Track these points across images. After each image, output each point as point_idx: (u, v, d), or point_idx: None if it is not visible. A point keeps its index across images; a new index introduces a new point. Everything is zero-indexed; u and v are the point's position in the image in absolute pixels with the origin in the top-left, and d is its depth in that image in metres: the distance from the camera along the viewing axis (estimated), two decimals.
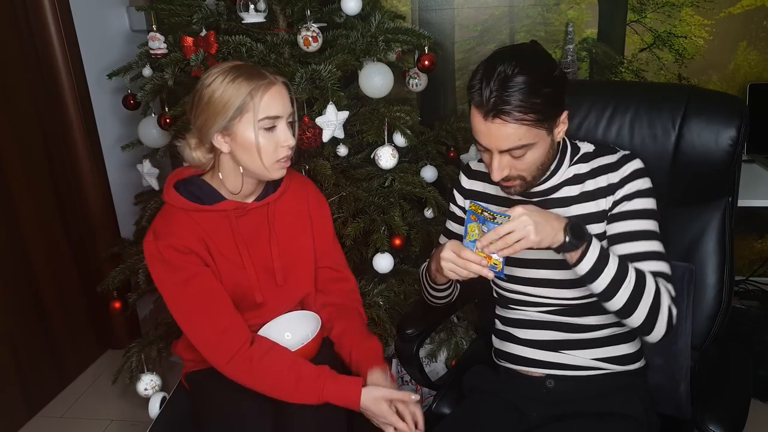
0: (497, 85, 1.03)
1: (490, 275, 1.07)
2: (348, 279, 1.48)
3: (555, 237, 1.03)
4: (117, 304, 2.01)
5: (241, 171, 1.26)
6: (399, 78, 1.94)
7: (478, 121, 1.08)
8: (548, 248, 1.04)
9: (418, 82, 2.03)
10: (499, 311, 1.36)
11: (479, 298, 1.55)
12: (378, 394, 1.21)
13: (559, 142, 1.19)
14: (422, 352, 2.00)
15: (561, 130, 1.14)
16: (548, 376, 1.26)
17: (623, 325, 1.24)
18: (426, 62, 1.83)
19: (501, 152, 1.09)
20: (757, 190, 1.98)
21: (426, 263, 1.35)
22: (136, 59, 1.96)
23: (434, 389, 1.51)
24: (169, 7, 1.86)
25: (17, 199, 2.11)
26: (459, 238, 1.36)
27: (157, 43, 1.87)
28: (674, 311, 1.11)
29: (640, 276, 1.08)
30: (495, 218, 1.06)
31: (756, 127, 1.28)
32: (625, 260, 1.09)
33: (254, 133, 1.20)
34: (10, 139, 2.08)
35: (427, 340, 2.02)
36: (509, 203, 1.26)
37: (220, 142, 1.23)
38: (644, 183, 1.17)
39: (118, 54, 2.39)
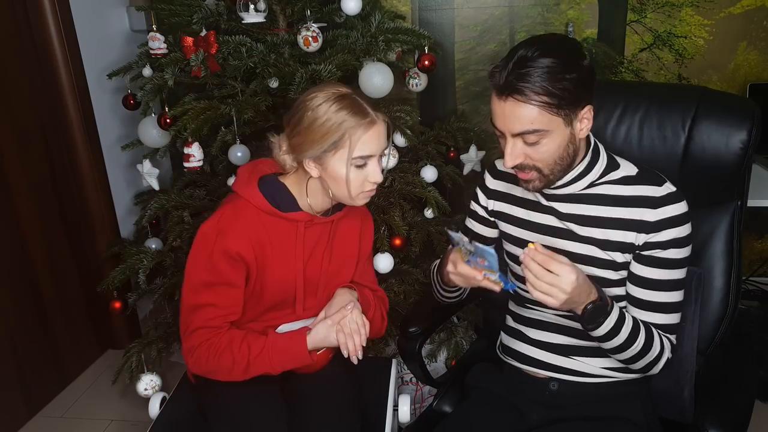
0: (516, 66, 1.02)
1: (497, 288, 1.06)
2: (377, 290, 1.49)
3: (572, 306, 1.05)
4: (117, 304, 2.01)
5: (330, 195, 1.26)
6: (399, 78, 1.94)
7: (494, 101, 1.07)
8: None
9: (418, 82, 2.02)
10: (513, 308, 1.35)
11: (482, 296, 1.54)
12: (321, 333, 1.26)
13: (583, 141, 1.13)
14: (422, 352, 1.99)
15: (584, 126, 1.09)
16: (552, 378, 1.25)
17: None
18: (426, 62, 1.83)
19: (514, 136, 1.07)
20: (758, 190, 1.97)
21: (437, 261, 1.35)
22: (136, 59, 1.96)
23: (436, 387, 1.51)
24: (169, 7, 1.85)
25: (17, 199, 2.11)
26: (477, 236, 1.37)
27: (157, 43, 1.87)
28: (669, 359, 1.17)
29: (649, 335, 1.12)
30: (474, 254, 1.05)
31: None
32: (637, 324, 1.11)
33: (346, 169, 1.19)
34: (10, 139, 2.08)
35: (427, 341, 2.02)
36: (536, 207, 1.24)
37: (310, 166, 1.22)
38: (683, 231, 1.12)
39: (118, 54, 2.39)
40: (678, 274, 1.14)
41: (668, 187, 1.14)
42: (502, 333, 1.36)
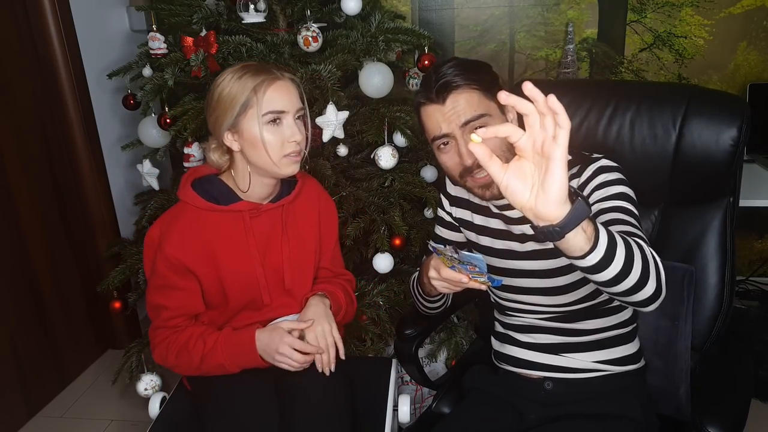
0: (435, 76, 1.11)
1: (483, 287, 1.06)
2: (344, 273, 1.50)
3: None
4: (117, 304, 2.01)
5: (249, 170, 1.27)
6: (399, 78, 1.94)
7: (432, 112, 1.11)
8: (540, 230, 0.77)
9: (418, 82, 2.03)
10: (498, 316, 1.36)
11: (479, 298, 1.55)
12: (265, 340, 1.26)
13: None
14: (422, 352, 2.00)
15: (513, 118, 1.13)
16: (546, 378, 1.25)
17: (623, 327, 1.24)
18: (426, 62, 1.83)
19: (462, 127, 1.09)
20: (758, 190, 1.98)
21: (416, 274, 1.34)
22: (136, 59, 1.96)
23: (434, 389, 1.51)
24: (169, 7, 1.85)
25: (17, 199, 2.11)
26: (448, 242, 1.37)
27: (157, 43, 1.87)
28: (660, 266, 0.92)
29: (624, 238, 0.87)
30: (461, 262, 1.04)
31: (756, 128, 1.28)
32: (622, 236, 0.87)
33: (259, 129, 1.20)
34: (10, 139, 2.08)
35: (427, 340, 2.02)
36: (489, 212, 1.26)
37: (230, 140, 1.24)
38: (609, 176, 1.12)
39: (118, 54, 2.39)
40: (625, 204, 1.06)
41: (591, 158, 1.16)
42: (493, 339, 1.36)
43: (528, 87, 0.69)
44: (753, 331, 2.09)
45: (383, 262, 1.77)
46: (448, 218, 1.37)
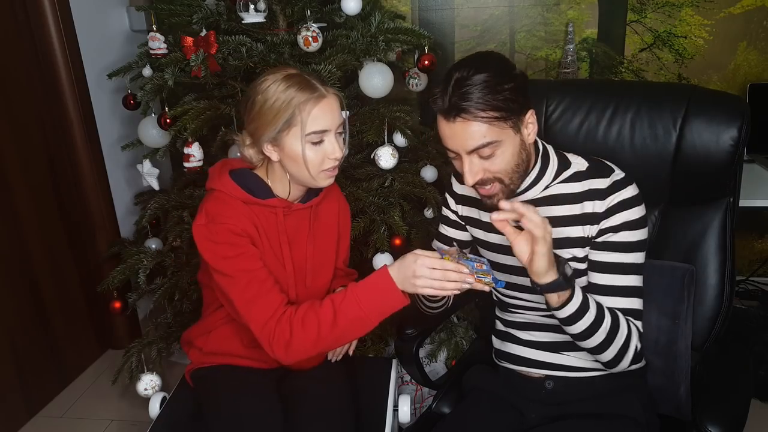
0: (455, 88, 1.05)
1: (487, 288, 1.07)
2: (351, 273, 1.52)
3: (546, 266, 1.04)
4: (117, 304, 2.01)
5: (288, 178, 1.26)
6: (399, 78, 1.94)
7: (442, 125, 1.09)
8: (534, 280, 1.06)
9: (418, 82, 2.03)
10: (499, 313, 1.36)
11: (479, 297, 1.55)
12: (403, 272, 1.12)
13: (532, 145, 1.15)
14: (422, 352, 2.00)
15: (531, 131, 1.12)
16: (548, 377, 1.25)
17: None
18: (426, 62, 1.83)
19: (469, 153, 1.08)
20: (758, 190, 1.98)
21: None
22: (136, 59, 1.96)
23: (434, 389, 1.51)
24: (169, 7, 1.86)
25: (17, 199, 2.11)
26: (453, 241, 1.37)
27: (157, 43, 1.87)
28: (639, 348, 1.15)
29: (615, 320, 1.11)
30: (469, 260, 1.07)
31: (756, 127, 1.27)
32: (601, 306, 1.11)
33: (301, 147, 1.19)
34: (10, 139, 2.08)
35: (427, 340, 2.02)
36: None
37: (269, 150, 1.22)
38: (633, 213, 1.14)
39: (118, 54, 2.39)
40: (633, 257, 1.15)
41: (615, 176, 1.16)
42: (494, 337, 1.37)
43: (503, 207, 1.03)
44: (753, 331, 2.09)
45: (383, 262, 1.77)
46: (453, 217, 1.37)
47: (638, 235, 1.15)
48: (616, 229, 1.14)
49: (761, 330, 2.09)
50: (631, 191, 1.15)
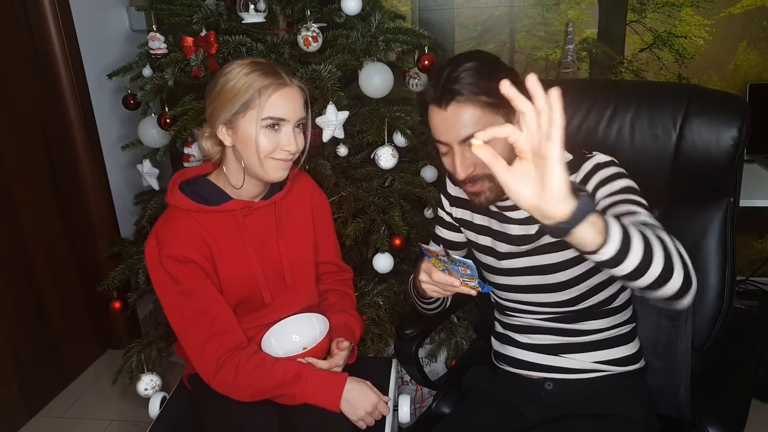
0: (446, 76, 1.05)
1: (473, 292, 1.06)
2: (345, 270, 1.51)
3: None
4: (117, 304, 2.01)
5: (243, 165, 1.24)
6: (399, 78, 1.94)
7: (434, 114, 1.07)
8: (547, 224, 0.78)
9: (418, 82, 2.03)
10: (498, 315, 1.36)
11: (479, 298, 1.55)
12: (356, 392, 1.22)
13: None
14: (422, 352, 2.00)
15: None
16: (547, 379, 1.25)
17: (623, 327, 1.24)
18: (426, 62, 1.83)
19: (461, 144, 1.06)
20: (758, 190, 1.98)
21: (413, 276, 1.34)
22: (136, 59, 1.96)
23: (434, 389, 1.51)
24: (169, 7, 1.85)
25: (17, 199, 2.11)
26: (448, 243, 1.37)
27: (157, 43, 1.87)
28: (684, 255, 0.91)
29: (639, 228, 0.87)
30: (453, 263, 1.05)
31: (756, 127, 1.27)
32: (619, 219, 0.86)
33: (255, 131, 1.18)
34: (10, 139, 2.08)
35: (427, 340, 2.02)
36: (491, 213, 1.25)
37: (223, 134, 1.22)
38: (608, 170, 1.09)
39: (118, 54, 2.39)
40: (629, 198, 1.03)
41: (586, 158, 1.13)
42: (493, 339, 1.36)
43: (530, 81, 0.71)
44: (753, 331, 2.09)
45: (383, 262, 1.77)
46: (448, 218, 1.37)
47: (626, 181, 1.07)
48: (601, 183, 1.07)
49: (761, 330, 2.09)
50: (599, 157, 1.12)
